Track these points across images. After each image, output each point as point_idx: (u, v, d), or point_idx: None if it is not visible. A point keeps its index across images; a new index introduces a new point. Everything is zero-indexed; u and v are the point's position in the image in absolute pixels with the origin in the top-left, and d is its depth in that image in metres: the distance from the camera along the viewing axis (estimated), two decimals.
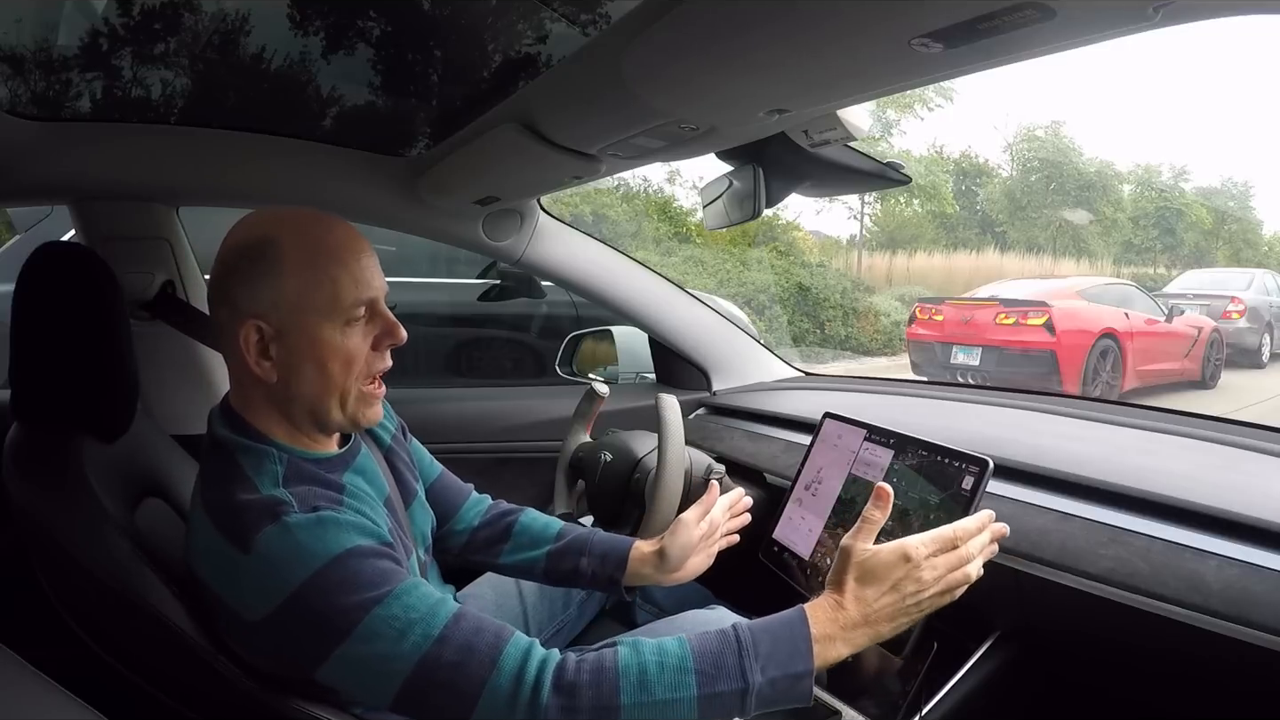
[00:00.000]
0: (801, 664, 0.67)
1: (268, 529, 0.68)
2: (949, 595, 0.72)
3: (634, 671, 0.67)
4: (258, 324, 0.73)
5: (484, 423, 1.59)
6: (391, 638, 0.66)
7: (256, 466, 0.74)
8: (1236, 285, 8.18)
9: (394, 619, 0.66)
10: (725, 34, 0.62)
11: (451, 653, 0.66)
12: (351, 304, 0.75)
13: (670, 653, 0.68)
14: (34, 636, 0.74)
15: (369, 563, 0.68)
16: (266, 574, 0.67)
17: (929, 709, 0.89)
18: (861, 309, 9.39)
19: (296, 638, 0.68)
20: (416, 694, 0.67)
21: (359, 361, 0.77)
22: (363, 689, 0.69)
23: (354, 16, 1.00)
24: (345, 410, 0.78)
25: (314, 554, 0.67)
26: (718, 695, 0.66)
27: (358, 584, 0.67)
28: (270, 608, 0.67)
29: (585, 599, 1.24)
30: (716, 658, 0.67)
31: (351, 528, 0.70)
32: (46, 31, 1.00)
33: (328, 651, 0.67)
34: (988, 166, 13.48)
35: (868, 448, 1.01)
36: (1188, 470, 0.88)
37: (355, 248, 0.76)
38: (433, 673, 0.66)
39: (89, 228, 1.26)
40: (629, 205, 9.88)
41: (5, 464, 0.83)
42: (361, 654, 0.66)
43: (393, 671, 0.66)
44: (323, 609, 0.66)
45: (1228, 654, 0.70)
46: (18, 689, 0.49)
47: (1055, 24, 0.51)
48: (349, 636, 0.66)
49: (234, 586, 0.70)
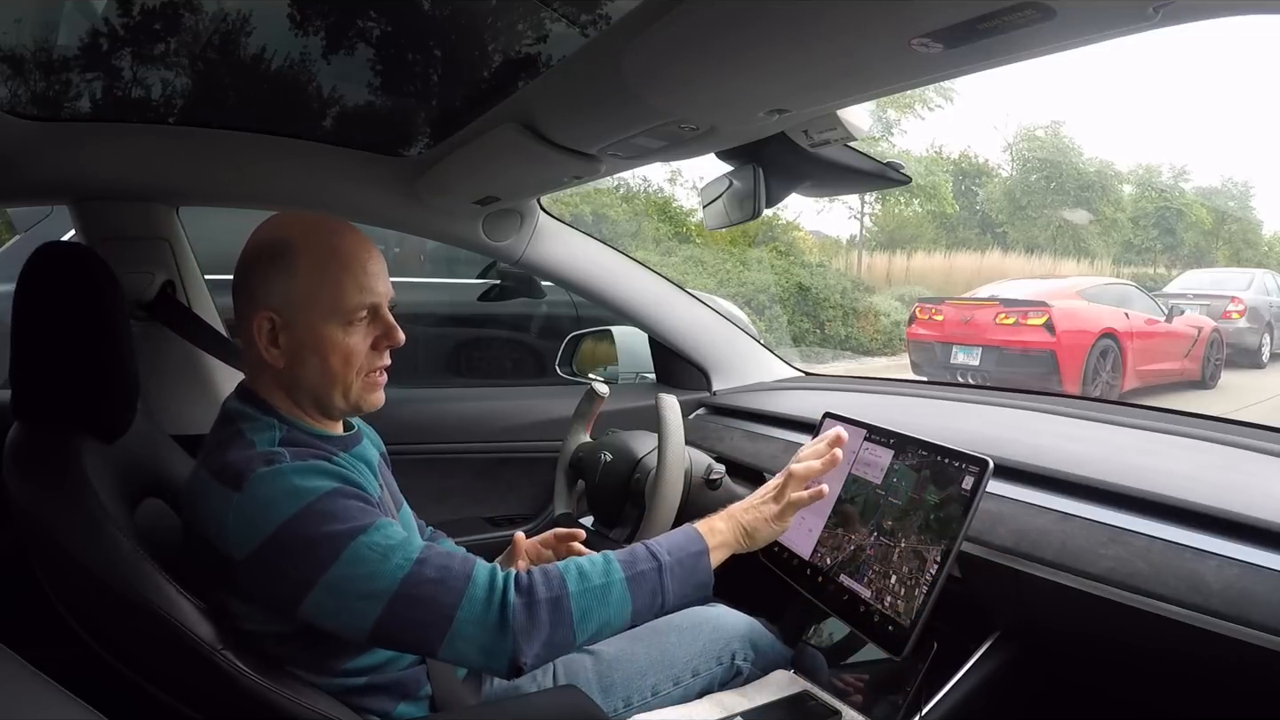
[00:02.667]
0: (696, 544, 0.86)
1: (260, 469, 0.75)
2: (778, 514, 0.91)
3: (572, 569, 0.81)
4: (270, 315, 0.81)
5: (484, 423, 1.59)
6: (375, 560, 0.73)
7: (257, 431, 0.81)
8: (1236, 285, 8.17)
9: (376, 545, 0.74)
10: (725, 34, 0.62)
11: (432, 570, 0.75)
12: (354, 307, 0.83)
13: (595, 559, 0.83)
14: (34, 636, 0.74)
15: (352, 501, 0.76)
16: (256, 509, 0.74)
17: (929, 709, 0.89)
18: (861, 309, 9.38)
19: (282, 570, 0.74)
20: (397, 614, 0.74)
21: (358, 359, 0.84)
22: (344, 616, 0.75)
23: (354, 16, 1.00)
24: (348, 399, 0.85)
25: (301, 491, 0.74)
26: (641, 573, 0.82)
27: (342, 516, 0.74)
28: (258, 541, 0.73)
29: None
30: (631, 553, 0.84)
31: (337, 476, 0.78)
32: (46, 31, 1.00)
33: (313, 578, 0.73)
34: (988, 166, 13.48)
35: (868, 448, 1.01)
36: (1188, 470, 0.88)
37: (363, 255, 0.84)
38: (416, 589, 0.74)
39: (89, 228, 1.26)
40: (629, 205, 9.87)
41: (5, 464, 0.83)
42: (346, 578, 0.73)
43: (377, 593, 0.73)
44: (308, 538, 0.73)
45: (1228, 654, 0.71)
46: (18, 689, 0.49)
47: (1055, 24, 0.51)
48: (335, 561, 0.73)
49: (223, 525, 0.75)
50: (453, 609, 0.75)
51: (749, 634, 1.07)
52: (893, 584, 0.89)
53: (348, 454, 0.86)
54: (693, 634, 1.04)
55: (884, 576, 0.90)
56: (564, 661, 1.01)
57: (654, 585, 0.82)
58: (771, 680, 1.02)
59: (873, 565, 0.92)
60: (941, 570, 0.84)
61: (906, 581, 0.87)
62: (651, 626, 1.07)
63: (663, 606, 0.83)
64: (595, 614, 0.79)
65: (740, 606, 1.14)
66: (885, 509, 0.94)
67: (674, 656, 1.01)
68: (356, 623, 0.75)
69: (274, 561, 0.74)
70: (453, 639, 0.75)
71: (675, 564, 0.83)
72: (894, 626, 0.87)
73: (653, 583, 0.82)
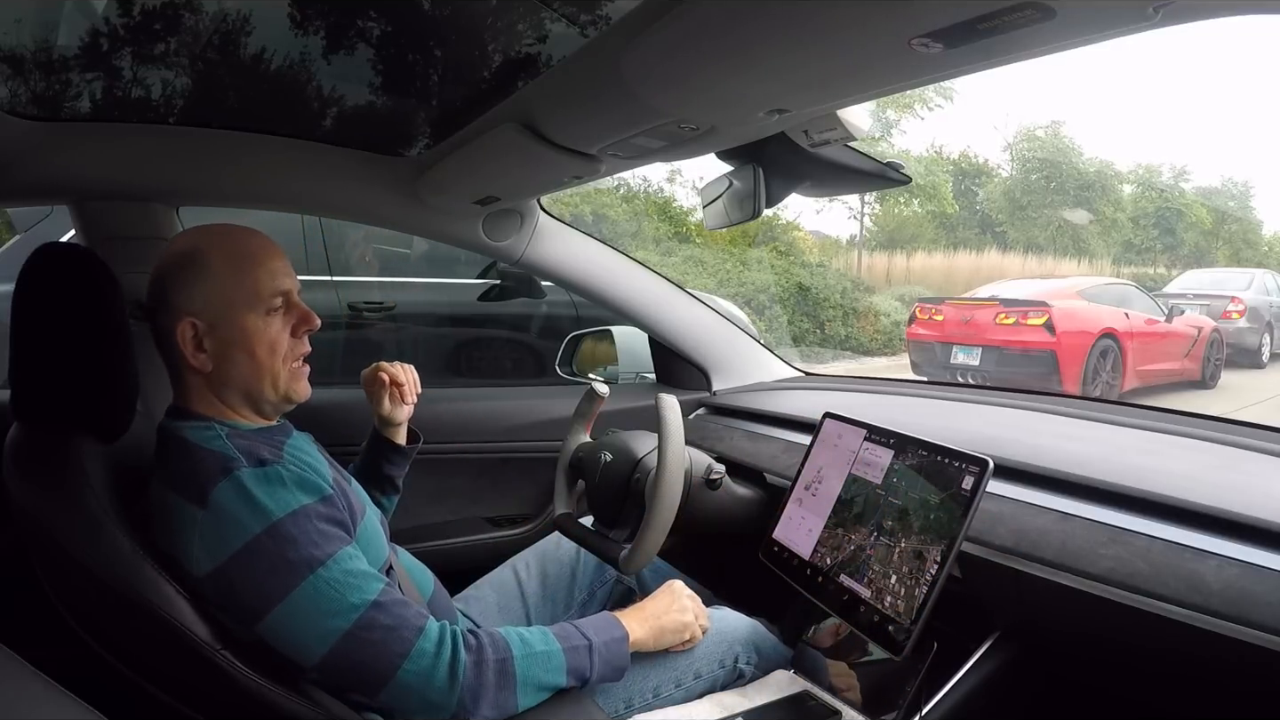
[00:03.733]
0: (619, 630, 0.92)
1: (221, 484, 0.77)
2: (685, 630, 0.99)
3: (514, 634, 0.85)
4: (192, 321, 0.85)
5: (484, 423, 1.59)
6: (332, 598, 0.75)
7: (202, 437, 0.83)
8: (1236, 285, 8.17)
9: (334, 581, 0.76)
10: (725, 34, 0.62)
11: (386, 617, 0.77)
12: (270, 294, 0.87)
13: (534, 630, 0.88)
14: (34, 636, 0.74)
15: (314, 524, 0.78)
16: (219, 528, 0.75)
17: (929, 709, 0.89)
18: (861, 309, 9.38)
19: (241, 592, 0.75)
20: (345, 653, 0.75)
21: (282, 346, 0.88)
22: (297, 645, 0.77)
23: (354, 16, 1.00)
24: (277, 389, 0.88)
25: (264, 511, 0.76)
26: (574, 648, 0.87)
27: (303, 542, 0.76)
28: (220, 560, 0.75)
29: (586, 601, 1.24)
30: (562, 629, 0.89)
31: (296, 485, 0.79)
32: (46, 31, 1.00)
33: (271, 602, 0.75)
34: (987, 166, 13.47)
35: (868, 448, 1.01)
36: (1188, 470, 0.88)
37: (269, 250, 0.89)
38: (368, 632, 0.75)
39: (89, 228, 1.26)
40: (629, 205, 9.87)
41: (5, 464, 0.84)
42: (302, 610, 0.75)
43: (329, 630, 0.75)
44: (270, 563, 0.74)
45: (1228, 654, 0.70)
46: (18, 689, 0.49)
47: (1055, 24, 0.51)
48: (293, 590, 0.74)
49: (188, 542, 0.77)
50: (399, 658, 0.77)
51: (751, 637, 1.07)
52: (893, 584, 0.89)
53: (289, 440, 0.90)
54: None
55: (884, 576, 0.90)
56: None
57: (584, 662, 0.87)
58: (772, 680, 1.02)
59: (873, 565, 0.93)
60: (941, 570, 0.84)
61: (906, 581, 0.87)
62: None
63: (587, 680, 0.88)
64: (536, 679, 0.83)
65: (741, 607, 1.14)
66: (885, 509, 0.94)
67: (676, 658, 1.01)
68: (306, 654, 0.76)
69: (234, 583, 0.76)
70: (394, 687, 0.77)
71: (602, 645, 0.89)
72: (894, 626, 0.87)
73: (584, 658, 0.87)
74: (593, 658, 0.88)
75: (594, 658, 0.88)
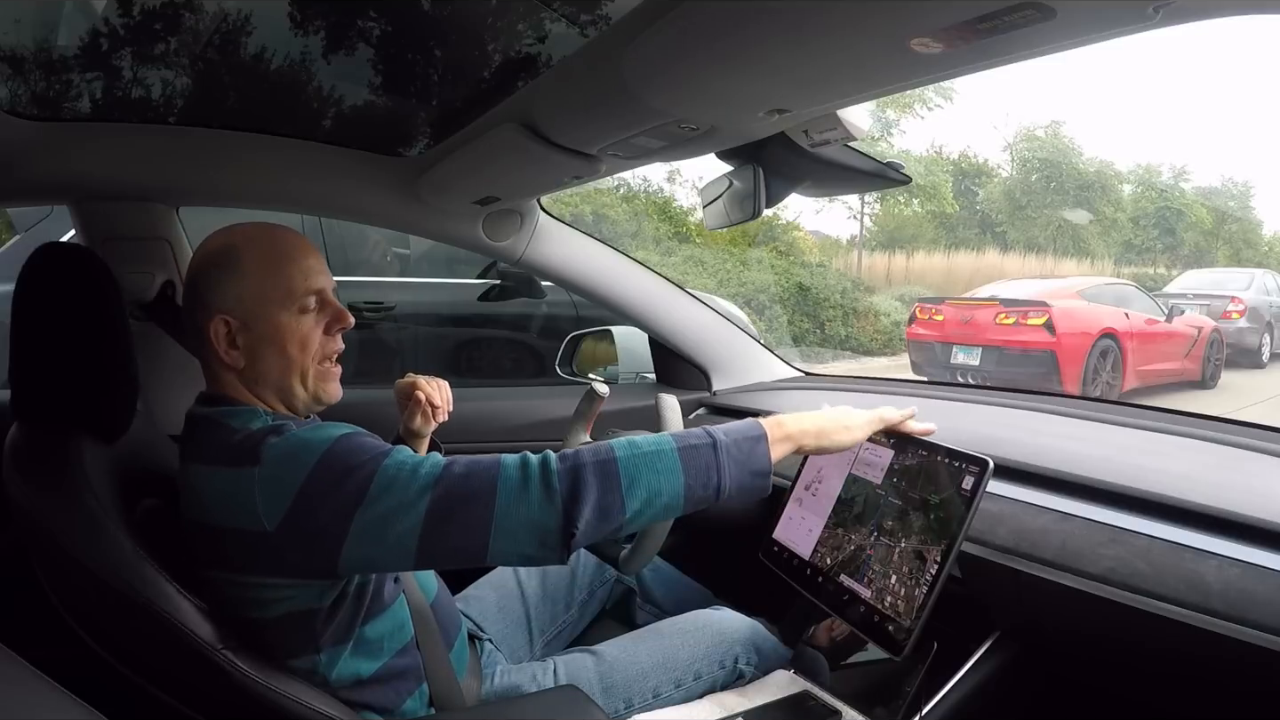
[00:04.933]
0: (754, 430, 0.82)
1: (271, 440, 0.77)
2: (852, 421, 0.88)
3: (621, 439, 0.79)
4: (225, 318, 0.84)
5: (484, 422, 1.59)
6: (404, 480, 0.74)
7: (241, 418, 0.82)
8: (1236, 285, 8.17)
9: (400, 465, 0.75)
10: (725, 34, 0.62)
11: (460, 467, 0.75)
12: (303, 292, 0.86)
13: (647, 436, 0.80)
14: (34, 636, 0.74)
15: (361, 439, 0.78)
16: (278, 476, 0.75)
17: (929, 709, 0.89)
18: (861, 309, 9.38)
19: (317, 524, 0.74)
20: (438, 524, 0.73)
21: (313, 343, 0.87)
22: (389, 546, 0.74)
23: (354, 16, 1.00)
24: (307, 387, 0.87)
25: (315, 443, 0.76)
26: (693, 447, 0.78)
27: (359, 453, 0.76)
28: (287, 505, 0.74)
29: (586, 601, 1.24)
30: (685, 432, 0.81)
31: (338, 425, 0.80)
32: (46, 31, 1.00)
33: (349, 520, 0.73)
34: (987, 166, 13.46)
35: (868, 447, 1.01)
36: (1188, 470, 0.88)
37: (303, 249, 0.88)
38: (452, 488, 0.74)
39: (89, 228, 1.26)
40: (629, 205, 9.87)
41: (5, 464, 0.83)
42: (381, 508, 0.73)
43: (413, 509, 0.73)
44: (335, 482, 0.74)
45: (1228, 654, 0.71)
46: (18, 689, 0.49)
47: (1055, 24, 0.51)
48: (366, 495, 0.73)
49: (250, 506, 0.75)
50: (490, 495, 0.73)
51: (752, 637, 1.07)
52: (893, 584, 0.89)
53: None
54: (695, 637, 1.04)
55: (884, 576, 0.90)
56: (565, 661, 1.01)
57: (708, 460, 0.77)
58: (771, 680, 1.02)
59: (873, 565, 0.93)
60: (941, 570, 0.84)
61: (906, 581, 0.87)
62: (655, 629, 1.07)
63: (719, 487, 0.77)
64: (644, 480, 0.75)
65: (741, 607, 1.14)
66: (885, 509, 0.94)
67: (676, 659, 1.01)
68: (401, 550, 0.74)
69: (308, 519, 0.74)
70: (499, 530, 0.73)
71: (731, 444, 0.79)
72: (894, 626, 0.87)
73: (706, 458, 0.77)
74: (719, 457, 0.78)
75: (720, 456, 0.78)
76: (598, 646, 1.04)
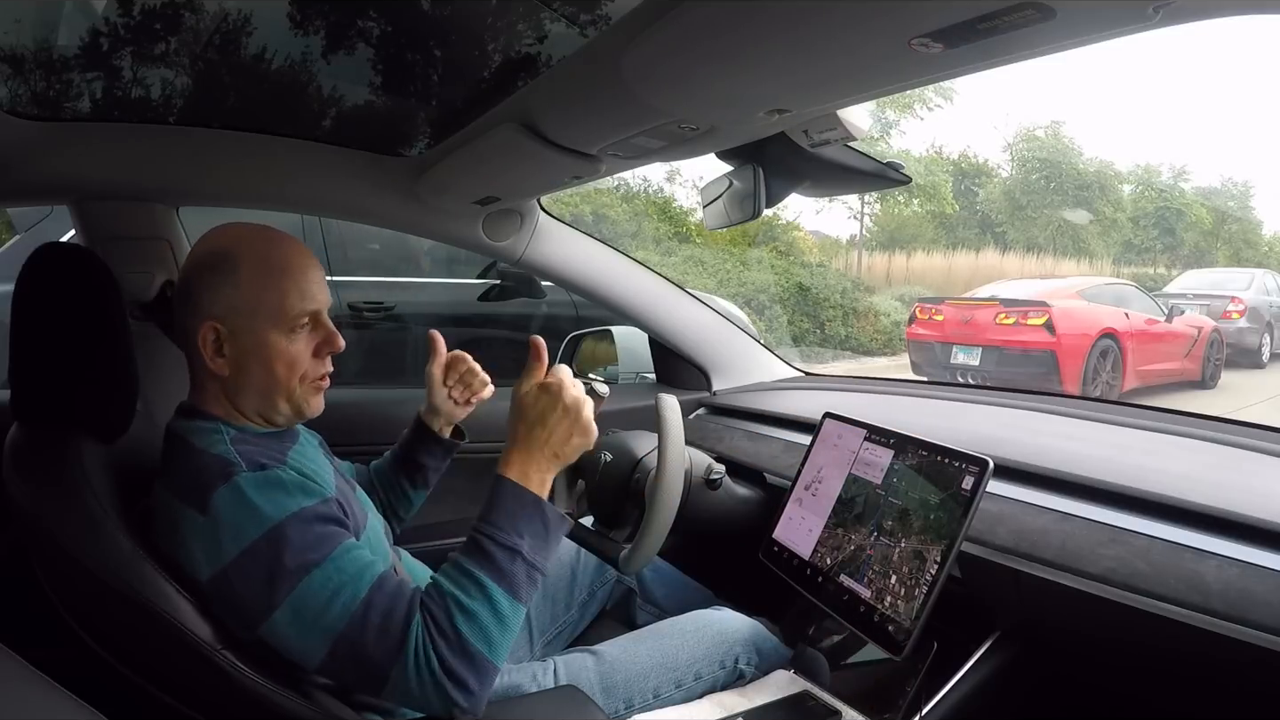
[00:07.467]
0: (529, 499, 0.80)
1: (220, 489, 0.75)
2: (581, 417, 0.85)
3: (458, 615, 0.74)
4: (215, 325, 0.83)
5: (484, 422, 1.58)
6: (324, 599, 0.73)
7: (205, 439, 0.81)
8: (1236, 285, 8.17)
9: (328, 580, 0.73)
10: (725, 34, 0.62)
11: (378, 613, 0.73)
12: (297, 314, 0.84)
13: (447, 574, 0.77)
14: (34, 636, 0.74)
15: (311, 527, 0.76)
16: (218, 537, 0.74)
17: (929, 709, 0.89)
18: (861, 309, 9.38)
19: (241, 595, 0.74)
20: (342, 655, 0.73)
21: (301, 366, 0.86)
22: (298, 647, 0.75)
23: (354, 16, 1.00)
24: (292, 404, 0.86)
25: (262, 517, 0.74)
26: (512, 574, 0.76)
27: (300, 546, 0.74)
28: (221, 565, 0.74)
29: (586, 601, 1.24)
30: (491, 561, 0.76)
31: (296, 489, 0.77)
32: (46, 31, 1.00)
33: (268, 610, 0.73)
34: (987, 166, 13.45)
35: (868, 448, 1.01)
36: (1188, 470, 0.88)
37: (303, 264, 0.86)
38: (369, 621, 0.73)
39: (89, 228, 1.26)
40: (629, 205, 9.87)
41: (5, 464, 0.83)
42: (297, 613, 0.73)
43: (324, 629, 0.73)
44: (267, 569, 0.73)
45: (1227, 654, 0.71)
46: (18, 689, 0.49)
47: (1055, 24, 0.51)
48: (288, 597, 0.73)
49: (191, 547, 0.76)
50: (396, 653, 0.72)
51: (752, 638, 1.07)
52: (893, 584, 0.89)
53: (294, 446, 0.88)
54: (696, 637, 1.04)
55: (884, 576, 0.90)
56: (565, 661, 1.01)
57: (526, 571, 0.78)
58: (772, 680, 1.02)
59: (873, 565, 0.93)
60: (941, 570, 0.84)
61: (906, 581, 0.87)
62: (655, 629, 1.07)
63: (539, 579, 0.79)
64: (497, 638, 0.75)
65: (741, 607, 1.14)
66: (885, 509, 0.94)
67: (677, 659, 1.01)
68: (308, 656, 0.75)
69: (234, 587, 0.74)
70: (392, 684, 0.73)
71: (530, 540, 0.79)
72: (894, 626, 0.87)
73: (524, 570, 0.78)
74: (531, 559, 0.78)
75: (532, 557, 0.78)
76: (598, 646, 1.04)
